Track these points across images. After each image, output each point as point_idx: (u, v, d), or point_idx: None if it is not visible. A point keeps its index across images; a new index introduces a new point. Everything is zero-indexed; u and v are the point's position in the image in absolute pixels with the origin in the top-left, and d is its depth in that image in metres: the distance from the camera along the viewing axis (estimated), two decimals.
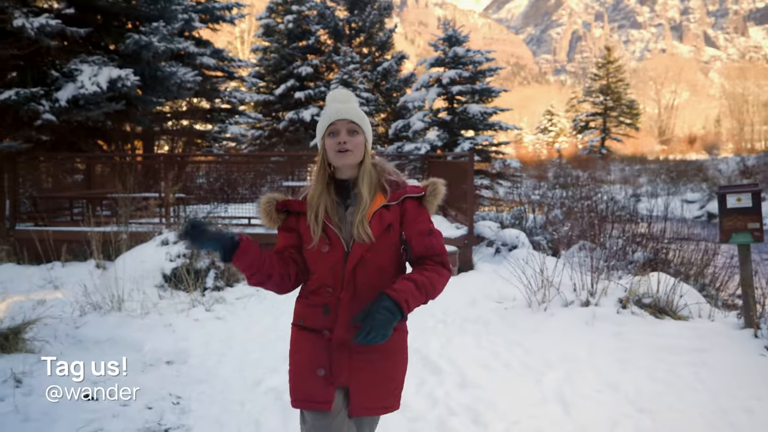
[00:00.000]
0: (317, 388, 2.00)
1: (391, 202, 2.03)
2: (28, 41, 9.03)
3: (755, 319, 4.35)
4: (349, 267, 1.97)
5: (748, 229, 4.37)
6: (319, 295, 2.03)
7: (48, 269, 7.93)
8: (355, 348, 1.97)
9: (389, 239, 2.02)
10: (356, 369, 2.01)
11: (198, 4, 15.30)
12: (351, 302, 1.98)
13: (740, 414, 3.47)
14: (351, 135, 2.02)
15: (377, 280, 1.98)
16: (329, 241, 1.99)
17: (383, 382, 2.05)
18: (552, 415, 3.34)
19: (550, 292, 5.33)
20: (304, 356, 2.05)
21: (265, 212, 2.08)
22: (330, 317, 2.00)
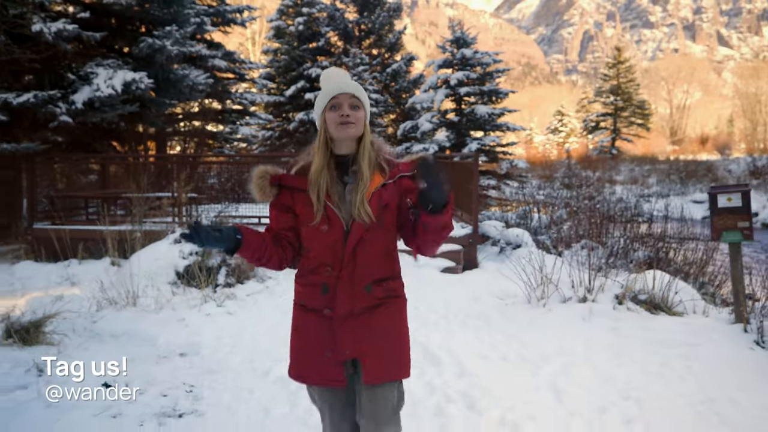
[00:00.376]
0: (327, 367, 2.05)
1: (389, 181, 2.06)
2: (46, 45, 9.31)
3: (745, 315, 4.50)
4: (349, 246, 2.00)
5: (738, 227, 4.53)
6: (318, 275, 2.05)
7: (65, 266, 8.17)
8: (359, 317, 2.03)
9: (386, 218, 2.05)
10: (361, 340, 2.04)
11: (210, 8, 15.57)
12: (350, 281, 2.02)
13: (726, 404, 3.63)
14: (353, 109, 2.04)
15: (375, 258, 2.04)
16: (329, 221, 2.01)
17: (389, 350, 2.08)
18: (545, 402, 3.52)
19: (549, 288, 5.51)
20: (309, 336, 2.09)
21: (259, 186, 2.09)
22: (329, 296, 2.03)
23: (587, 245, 7.76)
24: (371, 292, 2.06)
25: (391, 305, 2.11)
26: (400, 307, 2.16)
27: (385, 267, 2.10)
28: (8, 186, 11.07)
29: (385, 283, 2.09)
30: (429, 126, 15.23)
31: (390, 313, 2.10)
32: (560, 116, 66.41)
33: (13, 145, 9.15)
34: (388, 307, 2.10)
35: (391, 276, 2.12)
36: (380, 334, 2.07)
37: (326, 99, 2.05)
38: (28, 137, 9.77)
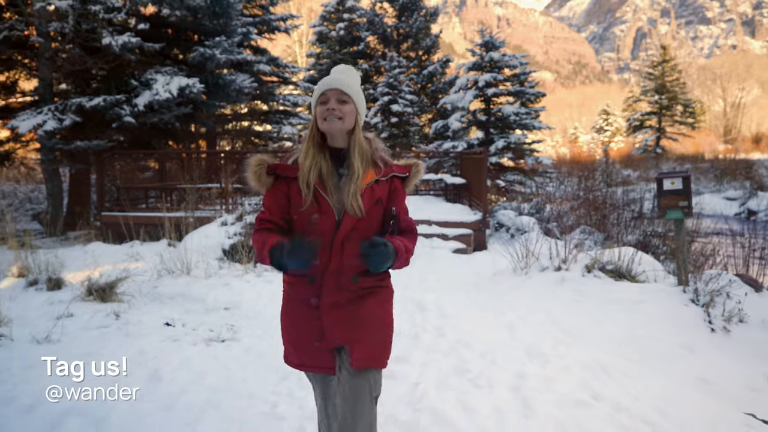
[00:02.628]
0: (318, 355, 2.13)
1: (382, 178, 2.14)
2: (113, 56, 10.70)
3: (684, 279, 5.39)
4: (339, 237, 2.05)
5: (679, 206, 5.41)
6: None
7: (129, 247, 9.48)
8: (345, 307, 2.10)
9: (376, 212, 2.12)
10: (348, 329, 2.10)
11: (256, 17, 16.92)
12: (337, 272, 2.07)
13: (648, 340, 4.57)
14: (340, 104, 2.10)
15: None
16: (320, 209, 2.06)
17: (375, 338, 2.15)
18: (498, 332, 4.54)
19: (531, 260, 6.47)
20: (298, 325, 2.15)
21: (255, 174, 2.15)
22: (315, 286, 2.09)
23: (585, 230, 8.66)
24: (358, 282, 2.10)
25: (377, 294, 2.17)
26: (386, 296, 2.22)
27: None
28: (80, 179, 12.61)
29: (372, 274, 2.13)
30: (458, 125, 16.19)
31: (377, 303, 2.16)
32: (606, 115, 65.97)
33: (85, 142, 10.58)
34: (374, 296, 2.16)
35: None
36: (367, 322, 2.13)
37: (317, 95, 2.14)
38: (96, 136, 11.18)
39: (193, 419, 3.06)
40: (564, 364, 3.87)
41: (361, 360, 2.10)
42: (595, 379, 3.62)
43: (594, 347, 4.29)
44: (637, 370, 3.91)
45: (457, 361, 3.90)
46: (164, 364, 3.94)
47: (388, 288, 2.23)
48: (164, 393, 3.42)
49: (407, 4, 23.13)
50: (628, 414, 3.13)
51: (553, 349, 4.17)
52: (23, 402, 3.20)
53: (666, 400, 3.41)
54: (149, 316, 5.65)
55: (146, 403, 3.26)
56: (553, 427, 2.96)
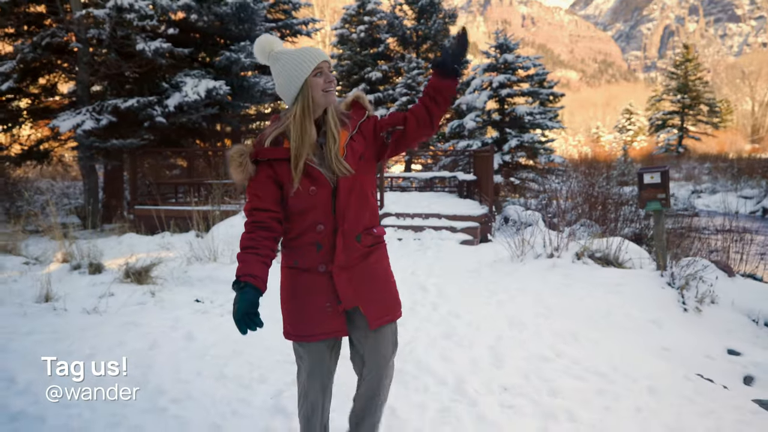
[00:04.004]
0: (330, 320, 2.15)
1: (353, 132, 2.18)
2: (146, 60, 11.49)
3: (662, 264, 5.94)
4: (340, 203, 2.11)
5: (658, 198, 5.95)
6: (309, 234, 2.13)
7: (160, 237, 10.23)
8: (353, 268, 2.16)
9: (364, 167, 2.17)
10: (360, 289, 2.17)
11: (279, 21, 17.65)
12: (342, 234, 2.13)
13: (621, 316, 5.13)
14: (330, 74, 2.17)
15: (361, 209, 2.17)
16: (316, 181, 2.09)
17: (385, 293, 2.25)
18: (486, 308, 5.14)
19: (526, 249, 7.05)
20: (306, 296, 2.17)
21: (240, 165, 2.12)
22: (323, 253, 2.13)
23: (585, 224, 9.20)
24: (361, 241, 2.17)
25: (377, 251, 2.26)
26: (384, 251, 2.31)
27: (369, 214, 2.22)
28: (114, 175, 13.44)
29: (371, 230, 2.22)
30: (473, 124, 16.75)
31: (378, 259, 2.25)
32: (628, 114, 65.84)
33: (120, 141, 11.38)
34: (375, 253, 2.24)
35: (374, 223, 2.25)
36: (376, 279, 2.21)
37: (311, 65, 2.11)
38: (130, 135, 11.99)
39: (221, 364, 3.73)
40: (538, 330, 4.47)
41: (379, 318, 2.19)
42: (563, 343, 4.21)
43: (570, 320, 4.87)
44: (604, 338, 4.48)
45: (446, 328, 4.52)
46: (196, 328, 4.62)
47: (383, 243, 2.32)
48: (197, 347, 4.09)
49: (426, 7, 23.71)
50: (583, 367, 3.72)
51: (532, 320, 4.76)
52: (82, 353, 3.89)
53: (622, 360, 3.98)
54: (181, 295, 6.34)
55: (182, 352, 3.94)
56: (517, 374, 3.56)
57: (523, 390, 3.33)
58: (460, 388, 3.32)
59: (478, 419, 2.94)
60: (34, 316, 5.11)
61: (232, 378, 3.49)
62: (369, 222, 2.21)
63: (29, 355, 3.74)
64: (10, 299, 5.75)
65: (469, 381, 3.42)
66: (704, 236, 10.45)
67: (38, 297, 5.75)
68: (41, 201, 14.62)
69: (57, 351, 3.84)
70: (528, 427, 2.87)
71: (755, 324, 5.64)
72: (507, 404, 3.14)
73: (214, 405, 3.08)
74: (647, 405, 3.21)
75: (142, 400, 3.08)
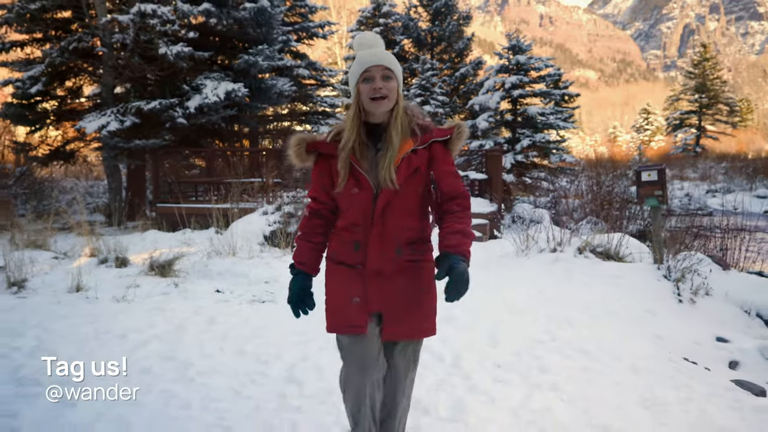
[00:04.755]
0: (352, 314, 2.16)
1: (420, 146, 2.12)
2: (168, 64, 11.94)
3: (658, 258, 6.22)
4: (378, 209, 2.10)
5: (655, 195, 6.24)
6: (351, 232, 2.17)
7: (182, 234, 10.66)
8: (389, 276, 2.16)
9: (416, 182, 2.13)
10: (389, 296, 2.15)
11: (296, 24, 18.09)
12: (380, 239, 2.13)
13: (617, 306, 5.41)
14: (385, 80, 2.10)
15: (404, 220, 2.15)
16: (359, 184, 2.11)
17: (415, 307, 2.20)
18: (489, 296, 5.46)
19: (531, 244, 7.36)
20: (339, 288, 2.21)
21: (296, 153, 2.21)
22: (360, 252, 2.15)
23: (591, 221, 9.48)
24: (401, 254, 2.16)
25: (419, 269, 2.21)
26: (428, 271, 2.24)
27: (414, 229, 2.19)
28: (137, 174, 13.93)
29: (414, 245, 2.19)
30: (486, 125, 17.03)
31: (417, 277, 2.20)
32: (646, 114, 65.57)
33: (143, 141, 11.85)
34: (416, 270, 2.20)
35: (420, 238, 2.21)
36: (407, 294, 2.18)
37: (359, 71, 2.12)
38: (152, 136, 12.44)
39: (241, 343, 4.10)
40: (535, 316, 4.78)
41: (396, 334, 2.19)
42: (558, 328, 4.52)
43: (566, 308, 5.18)
44: (598, 324, 4.78)
45: (447, 313, 4.84)
46: (218, 314, 5.00)
47: (430, 262, 2.24)
48: (219, 329, 4.47)
49: (441, 9, 24.03)
50: (573, 348, 4.04)
51: (530, 308, 5.07)
52: (115, 333, 4.28)
53: (611, 343, 4.29)
54: (202, 286, 6.73)
55: (206, 333, 4.33)
56: (510, 353, 3.89)
57: (514, 366, 3.67)
58: (457, 364, 3.66)
59: (471, 389, 3.28)
60: (68, 303, 5.53)
61: (251, 354, 3.86)
62: (413, 236, 2.19)
63: (69, 335, 4.15)
64: (44, 289, 6.19)
65: (466, 358, 3.75)
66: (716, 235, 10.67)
67: (70, 288, 6.18)
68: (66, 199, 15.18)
69: (95, 330, 4.25)
70: (514, 395, 3.21)
71: (747, 315, 5.90)
72: (498, 378, 3.48)
73: (235, 376, 3.45)
74: (626, 380, 3.53)
75: (171, 371, 3.47)
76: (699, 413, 3.03)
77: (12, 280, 6.27)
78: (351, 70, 2.16)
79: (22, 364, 3.53)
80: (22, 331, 4.23)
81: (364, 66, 2.09)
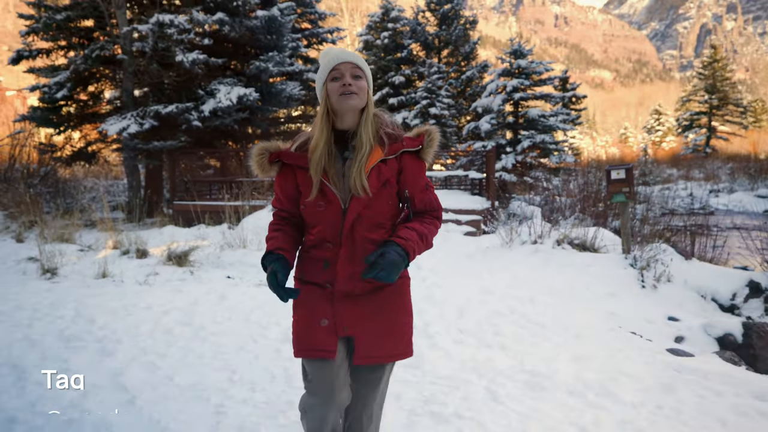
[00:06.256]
0: (321, 337, 2.00)
1: (389, 156, 2.00)
2: (184, 70, 12.74)
3: (627, 248, 6.88)
4: (347, 223, 1.96)
5: (622, 191, 6.90)
6: (320, 250, 2.03)
7: (197, 229, 11.43)
8: (359, 297, 2.01)
9: (386, 194, 2.01)
10: (360, 318, 2.02)
11: (306, 30, 18.89)
12: (349, 257, 1.99)
13: (581, 289, 6.09)
14: (355, 79, 1.98)
15: (375, 235, 2.00)
16: (325, 198, 1.98)
17: (389, 330, 2.05)
18: (467, 279, 6.16)
19: (514, 236, 8.04)
20: (306, 309, 2.04)
21: (258, 163, 2.07)
22: (330, 271, 2.00)
23: (578, 217, 10.13)
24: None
25: (393, 286, 2.06)
26: (403, 289, 2.11)
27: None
28: (154, 174, 14.76)
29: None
30: (488, 126, 17.71)
31: (391, 295, 2.06)
32: (657, 115, 65.73)
33: (161, 142, 12.66)
34: (390, 288, 2.05)
35: None
36: (381, 314, 2.04)
37: (327, 70, 2.00)
38: (169, 137, 13.24)
39: (246, 313, 4.85)
40: (503, 296, 5.48)
41: (370, 356, 2.03)
42: (520, 305, 5.21)
43: (534, 291, 5.86)
44: (558, 303, 5.46)
45: (427, 293, 5.56)
46: (228, 293, 5.75)
47: (405, 278, 2.12)
48: (228, 304, 5.22)
49: (448, 13, 24.73)
50: (528, 320, 4.73)
51: (501, 290, 5.77)
52: (141, 307, 5.04)
53: (564, 317, 4.97)
54: (215, 274, 7.48)
55: (217, 306, 5.07)
56: (473, 322, 4.59)
57: (473, 332, 4.37)
58: (425, 331, 4.36)
59: (432, 346, 3.99)
60: (97, 286, 6.31)
61: (254, 322, 4.60)
62: None
63: (102, 307, 4.92)
64: (74, 276, 6.97)
65: (434, 325, 4.46)
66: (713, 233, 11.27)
67: (97, 274, 6.97)
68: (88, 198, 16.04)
69: (123, 304, 5.01)
70: (467, 351, 3.91)
71: (703, 299, 6.57)
72: (458, 340, 4.18)
73: (240, 336, 4.20)
74: (567, 343, 4.22)
75: (188, 332, 4.22)
76: (615, 364, 3.71)
77: (45, 267, 7.07)
78: (318, 72, 2.05)
79: (67, 327, 4.30)
80: (63, 305, 5.00)
81: (332, 64, 1.99)
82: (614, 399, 3.17)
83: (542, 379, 3.39)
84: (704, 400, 3.17)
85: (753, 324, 5.49)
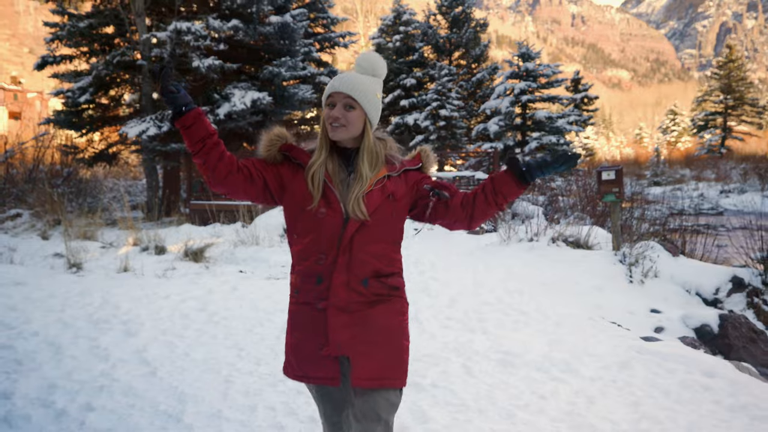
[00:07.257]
0: (322, 364, 1.97)
1: (393, 173, 2.02)
2: (200, 75, 13.29)
3: (616, 245, 7.27)
4: (348, 233, 1.93)
5: (613, 192, 7.29)
6: (312, 263, 1.96)
7: (212, 227, 11.96)
8: (353, 316, 1.95)
9: (389, 208, 1.98)
10: (355, 338, 1.95)
11: (318, 34, 19.42)
12: (346, 271, 1.94)
13: (570, 283, 6.48)
14: (346, 109, 1.95)
15: (374, 247, 1.97)
16: (328, 204, 1.94)
17: (385, 353, 1.97)
18: (461, 273, 6.57)
19: (511, 234, 8.45)
20: (304, 333, 2.01)
21: (268, 142, 2.06)
22: (323, 286, 1.95)
23: (578, 216, 10.51)
24: (369, 287, 1.96)
25: (391, 303, 2.02)
26: (401, 308, 2.07)
27: (386, 260, 2.01)
28: (172, 175, 15.35)
29: (385, 279, 2.00)
30: (496, 128, 18.10)
31: (387, 312, 2.00)
32: (673, 115, 65.51)
33: (178, 144, 13.21)
34: (388, 305, 2.00)
35: (392, 272, 2.04)
36: (377, 333, 1.97)
37: (326, 95, 2.01)
38: None
39: (256, 301, 5.33)
40: (494, 288, 5.90)
41: (368, 379, 1.93)
42: (508, 296, 5.63)
43: (524, 283, 6.27)
44: (545, 294, 5.87)
45: (423, 286, 6.00)
46: (240, 285, 6.23)
47: (402, 299, 2.07)
48: (240, 294, 5.70)
49: (459, 17, 25.13)
50: (512, 308, 5.16)
51: (493, 283, 6.18)
52: (160, 295, 5.54)
53: (548, 307, 5.38)
54: (228, 268, 7.97)
55: (229, 295, 5.56)
56: (461, 311, 5.02)
57: (460, 319, 4.80)
58: (416, 317, 4.81)
59: (421, 331, 4.43)
60: (119, 279, 6.82)
61: (262, 310, 5.07)
62: (384, 268, 1.99)
63: (126, 295, 5.43)
64: (98, 270, 7.50)
65: (424, 313, 4.91)
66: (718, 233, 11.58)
67: (119, 268, 7.49)
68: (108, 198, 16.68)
69: (145, 293, 5.52)
70: (452, 335, 4.35)
71: (688, 294, 6.93)
72: (445, 326, 4.62)
73: (249, 321, 4.68)
74: (545, 329, 4.63)
75: (203, 317, 4.71)
76: (583, 345, 4.13)
77: (71, 262, 7.60)
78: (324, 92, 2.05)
79: (95, 312, 4.81)
80: (90, 294, 5.51)
81: (329, 91, 1.99)
82: (575, 374, 3.59)
83: (514, 357, 3.82)
84: (656, 377, 3.58)
85: (729, 315, 5.87)
